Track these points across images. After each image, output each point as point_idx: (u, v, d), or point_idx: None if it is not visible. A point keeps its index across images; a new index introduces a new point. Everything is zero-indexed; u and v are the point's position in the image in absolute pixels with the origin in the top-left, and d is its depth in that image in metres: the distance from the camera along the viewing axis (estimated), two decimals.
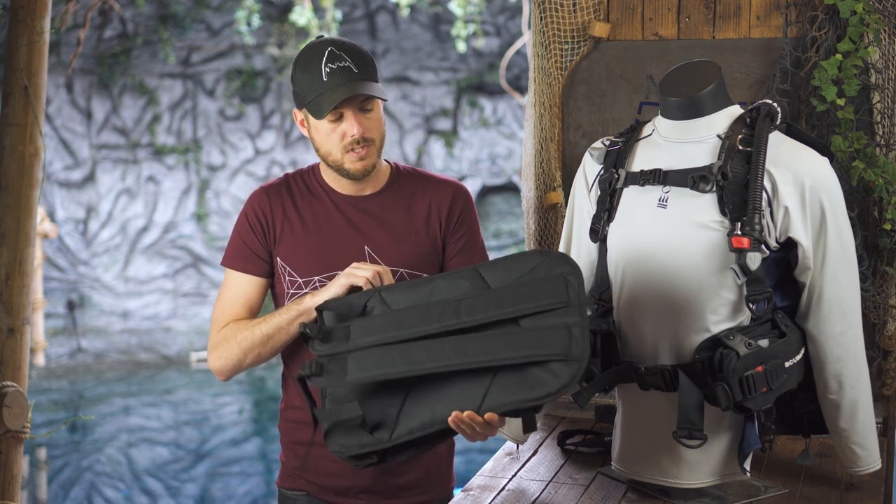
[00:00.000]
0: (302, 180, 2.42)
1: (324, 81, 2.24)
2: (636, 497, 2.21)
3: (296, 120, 2.37)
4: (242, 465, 7.77)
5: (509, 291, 1.92)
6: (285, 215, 2.38)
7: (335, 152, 2.30)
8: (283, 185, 2.42)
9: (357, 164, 2.30)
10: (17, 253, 3.35)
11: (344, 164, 2.30)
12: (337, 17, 10.61)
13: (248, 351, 2.31)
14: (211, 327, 2.40)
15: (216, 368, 2.35)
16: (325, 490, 2.41)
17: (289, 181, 2.43)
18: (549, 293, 1.90)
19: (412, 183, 2.43)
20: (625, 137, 2.30)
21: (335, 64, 2.24)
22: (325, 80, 2.23)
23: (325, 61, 2.24)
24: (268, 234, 2.37)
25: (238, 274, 2.39)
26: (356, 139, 2.27)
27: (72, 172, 10.90)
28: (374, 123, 2.30)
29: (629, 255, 2.19)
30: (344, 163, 2.30)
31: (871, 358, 2.49)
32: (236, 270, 2.39)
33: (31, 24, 3.37)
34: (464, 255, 2.42)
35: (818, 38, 2.56)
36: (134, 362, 10.62)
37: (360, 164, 2.30)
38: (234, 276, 2.39)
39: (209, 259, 11.20)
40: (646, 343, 2.18)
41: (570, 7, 2.73)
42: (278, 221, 2.37)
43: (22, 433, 3.26)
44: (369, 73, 2.28)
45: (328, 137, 2.29)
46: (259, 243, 2.37)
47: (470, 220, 2.44)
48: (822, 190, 2.10)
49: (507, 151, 11.64)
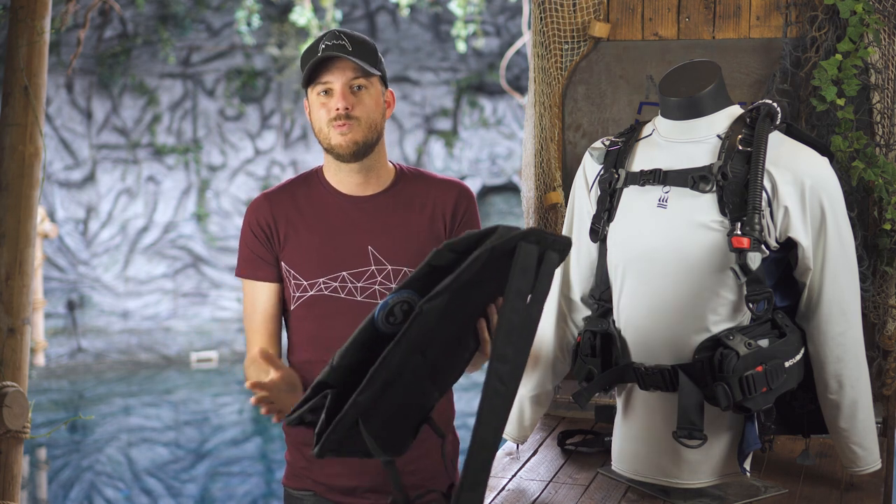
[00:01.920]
0: (305, 183, 2.45)
1: (317, 55, 2.31)
2: (636, 497, 2.21)
3: (305, 109, 2.42)
4: (242, 465, 7.77)
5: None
6: (288, 219, 2.40)
7: (324, 128, 2.35)
8: (285, 189, 2.45)
9: (340, 139, 2.33)
10: (17, 253, 3.35)
11: (331, 140, 2.35)
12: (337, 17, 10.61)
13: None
14: (246, 341, 2.47)
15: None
16: (331, 490, 2.41)
17: (291, 185, 2.46)
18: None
19: (416, 183, 2.44)
20: (625, 137, 2.30)
21: (332, 41, 2.32)
22: (318, 53, 2.31)
23: (324, 39, 2.33)
24: (272, 239, 2.40)
25: (252, 283, 2.43)
26: (340, 113, 2.31)
27: (72, 172, 10.89)
28: (362, 103, 2.34)
29: (629, 255, 2.19)
30: (331, 138, 2.35)
31: (871, 358, 2.49)
32: (249, 279, 2.43)
33: (31, 24, 3.37)
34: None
35: (818, 38, 2.56)
36: (134, 362, 10.62)
37: (342, 138, 2.33)
38: (249, 285, 2.44)
39: (209, 259, 11.20)
40: (646, 343, 2.18)
41: (570, 7, 2.73)
42: (281, 227, 2.40)
43: (22, 433, 3.26)
44: (364, 55, 2.34)
45: (318, 112, 2.35)
46: (265, 249, 2.41)
47: (473, 222, 2.46)
48: (822, 190, 2.10)
49: (507, 151, 11.64)
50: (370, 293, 2.37)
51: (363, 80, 2.34)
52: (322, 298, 2.37)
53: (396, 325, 1.73)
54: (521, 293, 1.66)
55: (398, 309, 1.74)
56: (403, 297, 1.74)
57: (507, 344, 1.65)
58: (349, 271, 2.36)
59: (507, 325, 1.65)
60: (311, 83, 2.34)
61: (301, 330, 2.40)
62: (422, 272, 1.74)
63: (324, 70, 2.32)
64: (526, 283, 1.66)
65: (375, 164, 2.40)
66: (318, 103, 2.34)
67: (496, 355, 1.65)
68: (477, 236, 1.70)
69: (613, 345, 2.23)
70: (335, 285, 2.37)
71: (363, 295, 2.37)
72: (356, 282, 2.37)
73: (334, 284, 2.37)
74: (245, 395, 9.60)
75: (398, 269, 2.36)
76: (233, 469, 7.70)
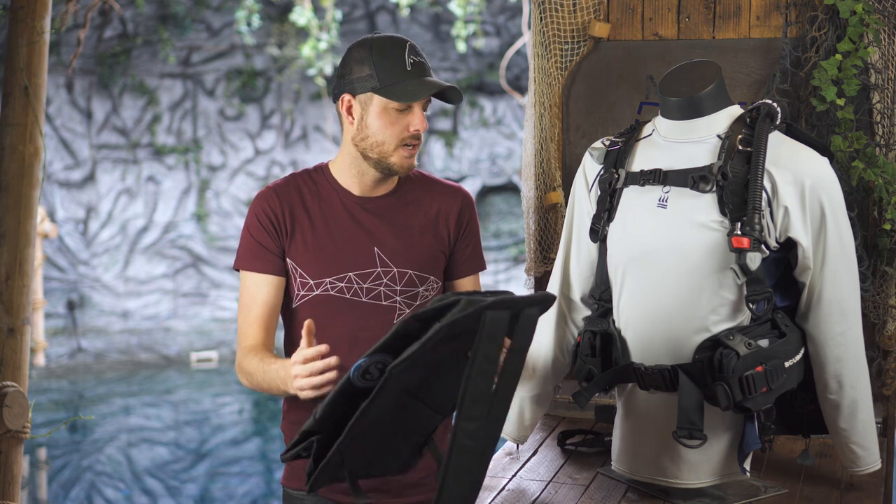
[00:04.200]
0: (311, 179, 2.42)
1: (408, 70, 2.27)
2: (636, 497, 2.21)
3: (341, 106, 2.34)
4: (242, 465, 7.77)
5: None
6: (294, 215, 2.37)
7: (389, 143, 2.30)
8: (291, 183, 2.41)
9: (406, 161, 2.32)
10: (17, 253, 3.35)
11: (391, 157, 2.31)
12: (337, 17, 10.61)
13: (255, 387, 2.33)
14: (237, 338, 2.40)
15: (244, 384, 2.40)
16: (331, 489, 2.41)
17: (297, 180, 2.42)
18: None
19: (420, 186, 2.45)
20: (625, 137, 2.30)
21: (416, 58, 2.30)
22: (408, 69, 2.27)
23: (408, 53, 2.29)
24: (280, 231, 2.37)
25: (254, 275, 2.37)
26: (418, 133, 2.30)
27: (72, 172, 10.90)
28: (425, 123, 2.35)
29: (629, 255, 2.19)
30: (393, 156, 2.31)
31: (871, 358, 2.49)
32: (252, 272, 2.37)
33: (31, 24, 3.37)
34: (471, 262, 2.48)
35: (818, 38, 2.56)
36: (134, 362, 10.62)
37: (409, 161, 2.32)
38: (251, 278, 2.37)
39: (209, 259, 11.21)
40: (646, 343, 2.18)
41: (570, 7, 2.73)
42: (288, 220, 2.37)
43: (22, 433, 3.26)
44: (441, 84, 2.32)
45: (389, 127, 2.29)
46: (272, 241, 2.37)
47: (476, 229, 2.49)
48: (821, 190, 2.10)
49: (507, 151, 11.65)
50: (375, 294, 2.37)
51: (429, 103, 2.34)
52: (327, 298, 2.36)
53: (373, 381, 1.75)
54: (488, 359, 1.63)
55: (374, 367, 1.75)
56: (377, 358, 1.76)
57: (474, 406, 1.64)
58: (356, 272, 2.36)
59: (473, 391, 1.64)
60: (394, 95, 2.28)
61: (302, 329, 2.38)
62: (391, 338, 1.74)
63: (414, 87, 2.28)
64: (493, 350, 1.64)
65: None
66: (390, 117, 2.28)
67: (462, 415, 1.64)
68: (441, 306, 1.68)
69: (613, 345, 2.23)
70: (341, 286, 2.36)
71: (368, 296, 2.36)
72: (362, 283, 2.36)
73: (340, 285, 2.36)
74: (245, 396, 9.60)
75: (403, 272, 2.36)
76: (233, 469, 7.70)
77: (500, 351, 1.65)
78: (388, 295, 2.37)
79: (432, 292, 2.43)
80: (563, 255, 2.38)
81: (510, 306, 1.66)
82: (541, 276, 2.79)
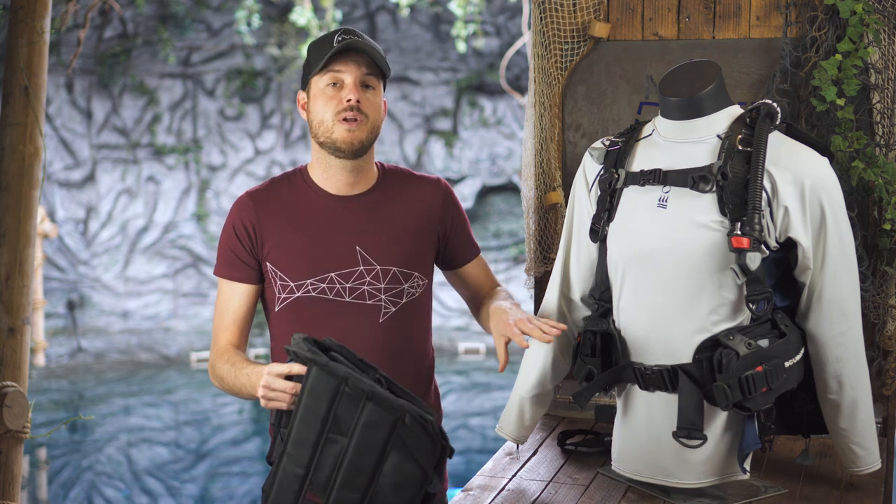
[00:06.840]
0: (289, 181, 2.42)
1: (334, 47, 2.30)
2: (636, 497, 2.21)
3: (298, 104, 2.40)
4: (242, 465, 7.77)
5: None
6: (273, 220, 2.37)
7: (328, 120, 2.31)
8: (269, 188, 2.42)
9: (348, 135, 2.31)
10: (17, 253, 3.35)
11: (334, 134, 2.31)
12: (337, 18, 10.61)
13: (226, 390, 2.35)
14: (212, 337, 2.42)
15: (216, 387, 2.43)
16: None
17: (275, 184, 2.43)
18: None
19: (399, 182, 2.45)
20: (625, 137, 2.30)
21: (348, 37, 2.31)
22: (335, 45, 2.30)
23: (339, 34, 2.32)
24: (254, 241, 2.37)
25: (228, 283, 2.40)
26: (351, 104, 2.29)
27: (72, 172, 10.89)
28: (372, 102, 2.33)
29: (629, 255, 2.19)
30: (334, 132, 2.31)
31: (871, 358, 2.49)
32: (225, 279, 2.40)
33: (31, 24, 3.37)
34: (470, 247, 2.54)
35: (818, 38, 2.56)
36: (134, 362, 10.61)
37: (349, 134, 2.31)
38: (225, 284, 2.41)
39: (209, 259, 11.20)
40: (646, 343, 2.18)
41: (570, 7, 2.73)
42: (266, 227, 2.37)
43: (22, 433, 3.26)
44: (377, 57, 2.33)
45: (325, 104, 2.31)
46: (245, 251, 2.37)
47: (461, 217, 2.51)
48: (821, 190, 2.10)
49: (507, 151, 11.64)
50: (359, 294, 2.36)
51: (373, 80, 2.33)
52: (309, 300, 2.35)
53: (298, 358, 2.03)
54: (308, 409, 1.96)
55: (308, 350, 2.02)
56: (320, 355, 2.01)
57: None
58: (337, 272, 2.35)
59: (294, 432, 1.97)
60: (321, 71, 2.31)
61: (287, 332, 2.35)
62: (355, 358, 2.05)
63: (338, 61, 2.30)
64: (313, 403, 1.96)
65: (366, 164, 2.40)
66: (326, 95, 2.31)
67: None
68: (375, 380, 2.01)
69: (613, 345, 2.23)
70: (323, 286, 2.35)
71: (352, 296, 2.35)
72: (345, 283, 2.35)
73: (322, 286, 2.35)
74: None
75: (387, 269, 2.36)
76: (233, 469, 7.70)
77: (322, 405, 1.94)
78: (373, 294, 2.36)
79: (418, 289, 2.42)
80: (562, 255, 2.38)
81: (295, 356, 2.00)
82: (541, 276, 2.79)
